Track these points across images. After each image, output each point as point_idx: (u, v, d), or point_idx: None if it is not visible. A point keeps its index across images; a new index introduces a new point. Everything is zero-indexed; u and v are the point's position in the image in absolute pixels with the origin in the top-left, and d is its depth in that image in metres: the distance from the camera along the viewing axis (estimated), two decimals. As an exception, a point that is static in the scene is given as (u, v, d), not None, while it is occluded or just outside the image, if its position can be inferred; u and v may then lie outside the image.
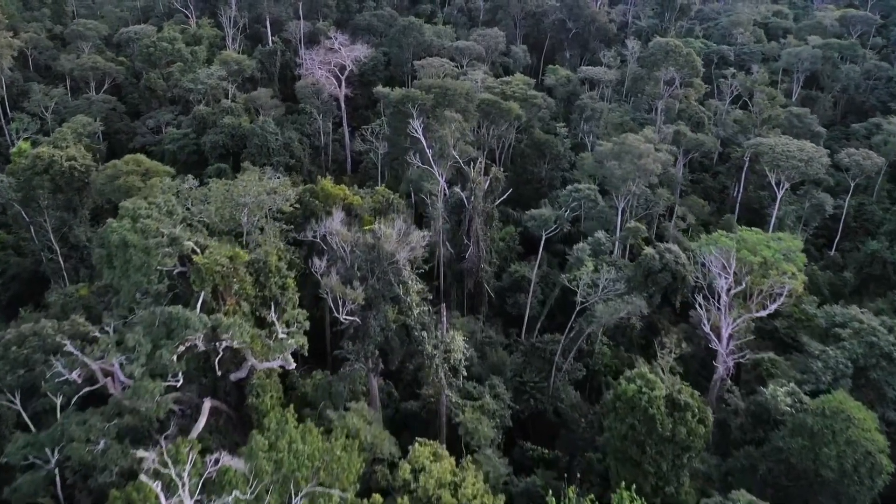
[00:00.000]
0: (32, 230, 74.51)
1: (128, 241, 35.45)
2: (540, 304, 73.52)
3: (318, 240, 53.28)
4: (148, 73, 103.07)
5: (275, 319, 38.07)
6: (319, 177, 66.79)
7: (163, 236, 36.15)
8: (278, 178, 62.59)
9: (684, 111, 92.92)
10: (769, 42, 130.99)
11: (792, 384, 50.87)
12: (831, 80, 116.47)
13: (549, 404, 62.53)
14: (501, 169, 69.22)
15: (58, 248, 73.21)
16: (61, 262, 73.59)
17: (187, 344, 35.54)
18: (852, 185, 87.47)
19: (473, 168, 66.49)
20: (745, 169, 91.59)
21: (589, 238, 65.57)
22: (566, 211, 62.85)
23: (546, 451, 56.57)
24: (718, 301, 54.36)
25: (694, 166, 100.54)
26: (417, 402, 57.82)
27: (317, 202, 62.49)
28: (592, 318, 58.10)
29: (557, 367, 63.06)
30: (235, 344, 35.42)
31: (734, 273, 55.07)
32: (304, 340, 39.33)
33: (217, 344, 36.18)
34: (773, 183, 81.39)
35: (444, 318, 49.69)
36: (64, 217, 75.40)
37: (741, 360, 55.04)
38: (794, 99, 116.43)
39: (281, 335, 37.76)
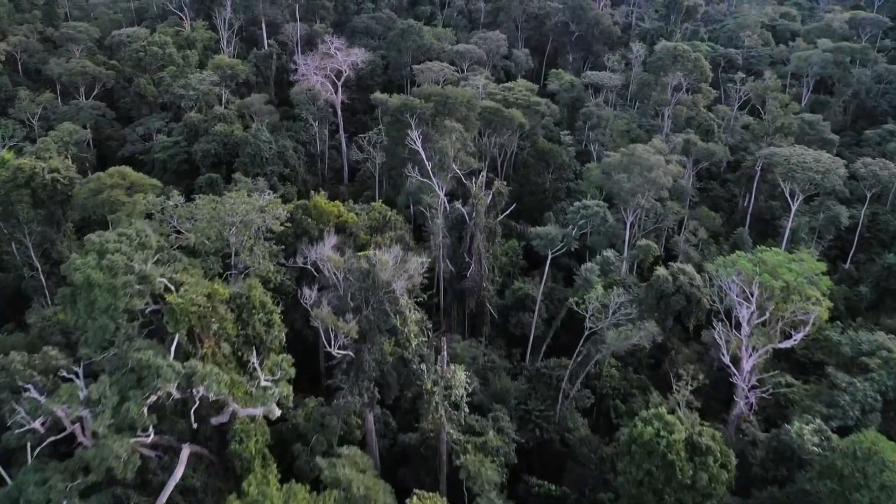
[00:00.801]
0: (13, 246, 70.49)
1: (92, 280, 31.55)
2: (545, 322, 69.64)
3: (310, 266, 49.21)
4: (138, 78, 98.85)
5: (257, 366, 34.17)
6: (313, 192, 62.77)
7: (132, 273, 32.22)
8: (269, 194, 58.54)
9: (693, 118, 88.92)
10: (777, 45, 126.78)
11: (818, 420, 46.91)
12: (843, 84, 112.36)
13: (555, 433, 58.59)
14: (505, 183, 65.33)
15: (39, 266, 69.21)
16: (43, 280, 69.59)
17: (159, 394, 31.66)
18: (868, 195, 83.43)
19: (475, 182, 62.52)
20: (756, 178, 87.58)
21: (597, 256, 61.62)
22: (573, 229, 58.96)
23: (553, 487, 52.65)
24: (738, 329, 50.37)
25: (702, 174, 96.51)
26: (416, 435, 53.89)
27: (309, 220, 58.53)
28: (602, 345, 54.15)
29: (564, 394, 59.12)
30: (212, 395, 31.55)
31: (755, 299, 51.11)
32: (288, 390, 35.40)
33: (194, 391, 32.29)
34: (787, 194, 77.45)
35: (445, 352, 45.73)
36: (46, 232, 71.37)
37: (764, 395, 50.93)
38: (803, 104, 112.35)
39: (264, 383, 33.89)
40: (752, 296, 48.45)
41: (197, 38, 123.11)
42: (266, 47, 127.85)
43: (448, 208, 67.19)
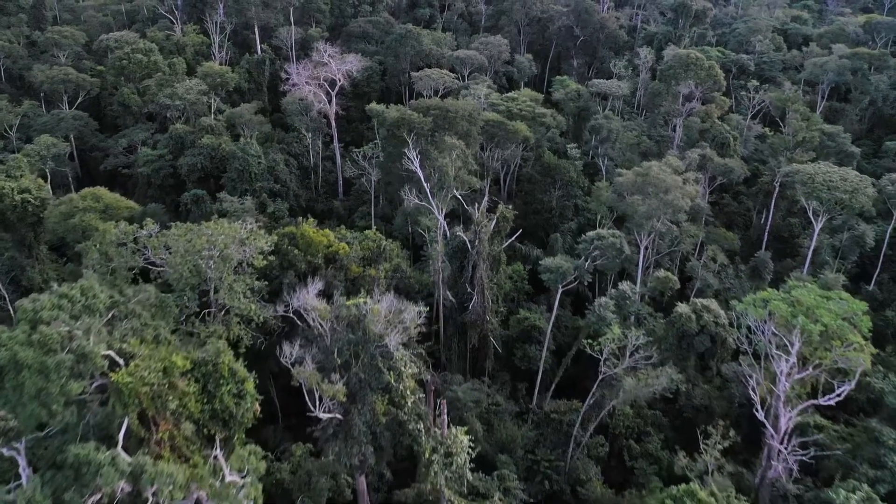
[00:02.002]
0: (-19, 272, 64.73)
1: (20, 359, 25.83)
2: (552, 354, 63.87)
3: (292, 314, 43.27)
4: (121, 87, 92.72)
5: (221, 459, 28.34)
6: (301, 219, 56.80)
7: (69, 351, 26.41)
8: (252, 222, 52.57)
9: (707, 130, 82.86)
10: (790, 50, 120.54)
11: (866, 487, 41.10)
12: (860, 92, 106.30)
13: (566, 485, 52.90)
14: (510, 207, 59.49)
15: (6, 294, 63.31)
16: (11, 311, 63.67)
17: (100, 495, 25.92)
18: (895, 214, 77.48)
19: (478, 209, 56.60)
20: (775, 194, 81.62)
21: (611, 289, 55.78)
22: (586, 261, 53.09)
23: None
24: (760, 363, 44.54)
25: (712, 186, 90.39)
26: (412, 492, 48.13)
27: (296, 252, 52.60)
28: (618, 392, 48.35)
29: (576, 441, 53.41)
30: (163, 502, 25.78)
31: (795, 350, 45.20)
32: (258, 492, 29.56)
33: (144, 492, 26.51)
34: (810, 214, 71.54)
35: (445, 414, 39.88)
36: (15, 258, 65.57)
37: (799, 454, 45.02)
38: (818, 112, 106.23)
39: (229, 478, 28.10)
40: (792, 346, 42.52)
41: (187, 43, 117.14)
42: (259, 52, 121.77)
43: (448, 233, 61.29)
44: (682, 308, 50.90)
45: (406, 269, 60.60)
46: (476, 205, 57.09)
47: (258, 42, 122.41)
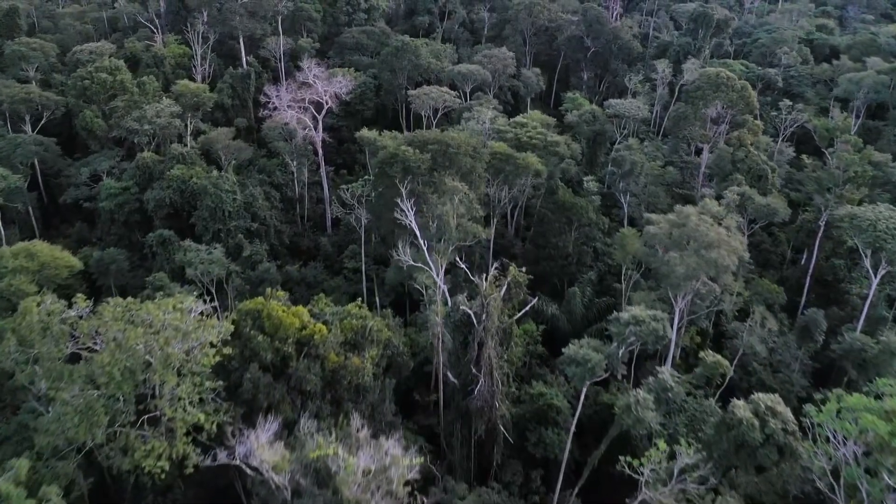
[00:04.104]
0: None
1: None
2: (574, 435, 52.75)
3: (241, 463, 31.96)
4: (83, 111, 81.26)
5: None
6: (270, 290, 45.50)
7: None
8: (206, 301, 41.41)
9: (742, 161, 71.51)
10: (818, 63, 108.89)
11: None
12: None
13: None
14: (523, 272, 48.37)
15: None
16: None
17: None
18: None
19: (486, 279, 45.37)
20: (819, 235, 70.45)
21: (650, 378, 44.57)
22: (620, 348, 42.06)
23: None
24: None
25: (752, 229, 78.47)
26: None
27: (261, 337, 41.38)
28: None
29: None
30: None
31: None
32: None
33: None
34: (868, 266, 60.48)
35: None
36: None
37: None
38: (853, 133, 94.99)
39: None
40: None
41: (166, 56, 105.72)
42: (245, 65, 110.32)
43: (449, 301, 50.11)
44: (741, 411, 39.72)
45: (398, 342, 49.45)
46: (483, 275, 45.79)
47: (244, 54, 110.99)
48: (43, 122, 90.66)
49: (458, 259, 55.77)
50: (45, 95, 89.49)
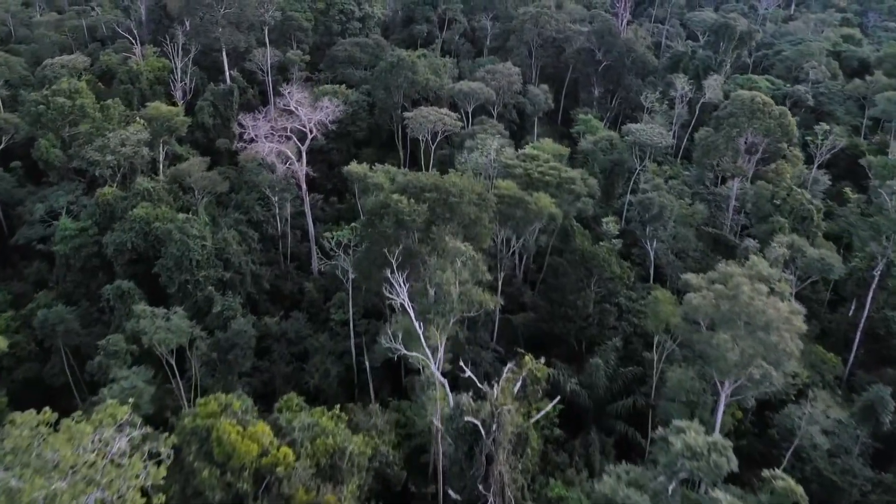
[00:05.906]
0: None
1: None
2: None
3: None
4: (38, 140, 70.80)
5: None
6: (225, 396, 35.22)
7: None
8: (143, 429, 31.14)
9: (784, 200, 61.22)
10: (850, 79, 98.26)
11: None
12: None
13: None
14: (542, 361, 38.28)
15: None
16: None
17: None
18: None
19: (496, 388, 35.23)
20: (873, 285, 60.29)
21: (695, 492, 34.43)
22: (670, 483, 31.89)
23: None
24: None
25: (801, 286, 67.00)
26: None
27: (207, 471, 31.15)
28: None
29: None
30: None
31: None
32: None
33: None
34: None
35: None
36: None
37: None
38: (890, 155, 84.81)
39: None
40: None
41: (142, 70, 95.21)
42: (228, 80, 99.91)
43: (450, 396, 39.85)
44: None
45: (388, 450, 39.22)
46: (492, 385, 35.56)
47: (227, 68, 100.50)
48: (2, 146, 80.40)
49: (463, 366, 44.45)
50: (4, 118, 79.13)
